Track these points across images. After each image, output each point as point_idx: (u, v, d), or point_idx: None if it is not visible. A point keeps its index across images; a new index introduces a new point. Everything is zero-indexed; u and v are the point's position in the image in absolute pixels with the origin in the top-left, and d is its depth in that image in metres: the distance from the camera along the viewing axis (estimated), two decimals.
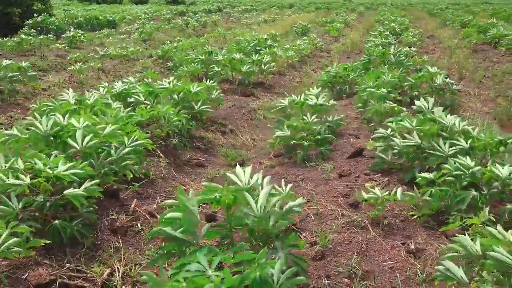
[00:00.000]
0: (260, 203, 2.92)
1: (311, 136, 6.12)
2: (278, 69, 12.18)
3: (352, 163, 5.73)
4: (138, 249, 3.91)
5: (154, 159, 5.61)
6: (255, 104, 9.02)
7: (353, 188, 4.96)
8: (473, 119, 7.58)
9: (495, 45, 15.59)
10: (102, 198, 4.43)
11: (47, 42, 14.66)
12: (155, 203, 4.67)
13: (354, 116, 8.08)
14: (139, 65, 12.27)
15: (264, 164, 6.07)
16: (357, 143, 6.43)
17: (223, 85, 9.94)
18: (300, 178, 5.40)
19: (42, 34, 15.99)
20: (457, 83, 8.73)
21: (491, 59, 13.65)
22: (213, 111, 7.95)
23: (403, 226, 4.21)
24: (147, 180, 5.09)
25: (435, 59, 13.14)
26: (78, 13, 24.48)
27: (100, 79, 10.23)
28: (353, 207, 4.55)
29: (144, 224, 4.26)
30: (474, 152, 4.64)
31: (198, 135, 6.93)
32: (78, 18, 21.27)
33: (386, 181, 5.08)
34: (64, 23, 19.62)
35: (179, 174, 5.56)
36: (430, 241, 3.95)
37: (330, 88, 9.81)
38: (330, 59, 14.77)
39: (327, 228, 4.15)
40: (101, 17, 22.84)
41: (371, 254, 3.77)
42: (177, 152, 6.10)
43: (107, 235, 4.01)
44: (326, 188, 5.04)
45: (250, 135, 7.41)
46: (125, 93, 6.72)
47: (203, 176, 5.63)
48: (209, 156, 6.43)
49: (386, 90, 7.42)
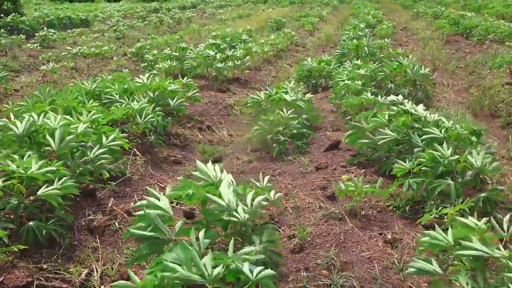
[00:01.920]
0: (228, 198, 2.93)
1: (287, 131, 6.15)
2: (254, 64, 12.17)
3: (329, 156, 5.77)
4: (116, 248, 3.89)
5: (131, 157, 5.57)
6: (232, 100, 9.00)
7: (330, 180, 4.99)
8: (447, 109, 7.68)
9: (467, 36, 15.80)
10: (79, 198, 4.39)
11: (19, 42, 14.42)
12: (132, 201, 4.64)
13: (330, 109, 8.12)
14: (114, 63, 12.15)
15: (241, 159, 6.07)
16: (334, 136, 6.47)
17: (199, 81, 9.89)
18: (277, 172, 5.41)
19: (13, 34, 15.73)
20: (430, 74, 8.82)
21: (464, 50, 13.83)
22: (189, 108, 7.91)
23: (380, 217, 4.26)
24: (124, 179, 5.05)
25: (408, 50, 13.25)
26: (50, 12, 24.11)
27: (73, 79, 10.09)
28: (330, 200, 4.59)
29: (122, 223, 4.22)
30: (448, 142, 4.70)
31: (175, 132, 6.89)
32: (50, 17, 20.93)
33: (363, 172, 5.12)
34: (36, 22, 19.31)
35: (156, 172, 5.53)
36: (406, 231, 4.00)
37: (305, 82, 9.84)
38: (305, 53, 14.81)
39: (305, 221, 4.18)
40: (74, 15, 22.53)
41: (349, 245, 3.81)
42: (154, 150, 6.07)
43: (84, 235, 3.97)
44: (303, 182, 5.07)
45: (227, 131, 7.40)
46: (100, 91, 6.64)
47: (181, 173, 5.60)
48: (186, 153, 6.40)
49: (361, 83, 7.48)
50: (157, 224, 2.74)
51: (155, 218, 2.75)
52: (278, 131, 6.14)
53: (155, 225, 2.75)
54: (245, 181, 3.66)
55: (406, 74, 8.05)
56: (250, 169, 5.60)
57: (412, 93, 7.95)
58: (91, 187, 4.57)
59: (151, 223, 2.78)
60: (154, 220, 2.74)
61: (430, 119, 5.01)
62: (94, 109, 5.59)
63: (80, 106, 5.69)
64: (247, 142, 6.44)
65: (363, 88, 7.32)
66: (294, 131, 6.16)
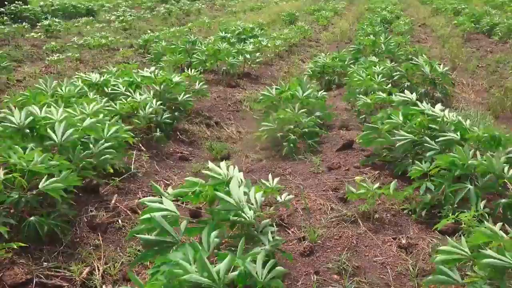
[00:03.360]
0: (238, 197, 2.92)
1: (299, 129, 6.13)
2: (265, 59, 12.15)
3: (342, 156, 5.75)
4: (119, 246, 3.89)
5: (136, 152, 5.58)
6: (241, 95, 9.00)
7: (343, 181, 4.98)
8: (467, 110, 7.63)
9: (488, 34, 15.69)
10: (81, 193, 4.41)
11: (22, 31, 14.47)
12: (136, 198, 4.64)
13: (343, 107, 8.09)
14: (119, 55, 12.17)
15: (250, 157, 6.06)
16: (347, 135, 6.45)
17: (208, 76, 9.90)
18: (288, 171, 5.40)
19: (17, 23, 15.80)
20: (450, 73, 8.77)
21: (485, 48, 13.75)
22: (197, 103, 7.92)
23: (394, 221, 4.24)
24: (128, 175, 5.06)
25: (427, 48, 13.20)
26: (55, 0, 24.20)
27: (78, 70, 10.14)
28: (343, 201, 4.57)
29: (126, 220, 4.23)
30: (467, 144, 4.66)
31: (182, 127, 6.90)
32: (54, 6, 21.01)
33: (377, 174, 5.10)
34: (40, 11, 19.38)
35: (161, 169, 5.53)
36: (422, 236, 3.98)
37: (319, 79, 9.81)
38: (319, 48, 14.77)
39: (316, 223, 4.16)
40: (79, 5, 22.60)
41: (362, 249, 3.79)
42: (160, 146, 6.08)
43: (86, 232, 3.98)
44: (314, 182, 5.06)
45: (236, 128, 7.40)
46: (104, 84, 6.66)
47: (187, 170, 5.61)
48: (193, 149, 6.41)
49: (377, 81, 7.45)
50: (164, 227, 2.72)
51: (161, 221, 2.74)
52: (289, 129, 6.12)
53: (161, 228, 2.74)
54: (256, 185, 3.65)
55: (423, 73, 8.00)
56: (259, 168, 5.59)
57: (430, 93, 7.91)
58: (94, 183, 4.58)
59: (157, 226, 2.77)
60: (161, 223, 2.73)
61: (448, 120, 4.97)
62: (98, 102, 5.61)
63: (84, 99, 5.70)
64: (257, 139, 6.43)
65: (379, 86, 7.29)
66: (305, 130, 6.14)
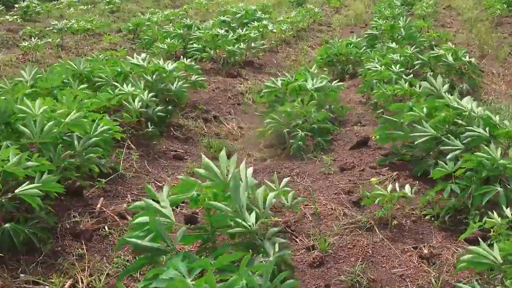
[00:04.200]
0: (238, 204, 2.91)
1: (308, 124, 6.12)
2: (270, 45, 12.16)
3: (356, 155, 5.74)
4: (105, 256, 3.90)
5: (124, 150, 5.59)
6: (243, 86, 9.00)
7: (357, 183, 4.97)
8: (497, 103, 7.62)
9: None
10: (63, 197, 4.41)
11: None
12: (125, 202, 4.65)
13: (358, 100, 8.09)
14: (106, 40, 12.18)
15: (253, 156, 6.06)
16: (362, 131, 6.44)
17: (205, 65, 9.90)
18: (295, 172, 5.40)
19: None
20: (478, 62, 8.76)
21: None
22: (193, 95, 7.92)
23: (415, 228, 4.23)
24: (116, 176, 5.06)
25: (452, 33, 13.17)
26: None
27: (59, 58, 10.15)
28: (357, 206, 4.57)
29: (113, 227, 4.24)
30: (497, 141, 4.65)
31: (176, 122, 6.91)
32: None
33: (395, 175, 5.09)
34: None
35: (153, 169, 5.54)
36: (446, 245, 3.97)
37: (330, 68, 9.81)
38: (330, 33, 14.77)
39: (326, 230, 4.16)
40: None
41: (378, 260, 3.79)
42: (151, 143, 6.08)
43: (68, 240, 3.99)
44: (325, 184, 5.05)
45: (237, 123, 7.41)
46: (89, 73, 6.66)
47: (182, 171, 5.61)
48: (189, 147, 6.41)
49: (396, 70, 7.44)
50: (160, 233, 2.72)
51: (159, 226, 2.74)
52: (296, 124, 6.11)
53: (157, 234, 2.74)
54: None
55: (448, 62, 7.99)
56: (263, 168, 5.59)
57: (456, 84, 7.89)
58: (78, 185, 4.59)
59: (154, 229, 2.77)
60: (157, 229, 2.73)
61: (476, 115, 4.96)
62: (83, 94, 5.61)
63: (67, 90, 5.70)
64: (260, 136, 6.42)
65: (398, 76, 7.28)
66: (315, 125, 6.13)
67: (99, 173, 4.75)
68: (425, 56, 8.21)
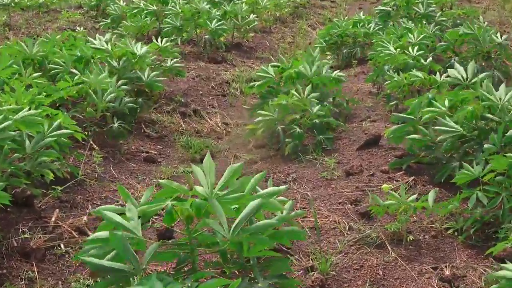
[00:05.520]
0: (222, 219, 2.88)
1: (306, 119, 6.12)
2: (262, 24, 12.15)
3: (365, 156, 5.75)
4: (60, 280, 3.88)
5: (85, 152, 5.57)
6: (229, 74, 9.00)
7: (366, 191, 4.98)
8: None
9: None
10: (9, 208, 4.39)
11: None
12: (85, 214, 4.63)
13: (368, 90, 8.10)
14: (63, 18, 12.14)
15: (241, 158, 6.06)
16: (372, 128, 6.45)
17: (184, 47, 9.89)
18: (291, 177, 5.41)
19: None
20: None
21: None
22: (169, 84, 7.91)
23: (435, 244, 4.24)
24: (74, 183, 5.05)
25: (481, 10, 13.21)
26: None
27: (6, 39, 10.10)
28: (365, 218, 4.58)
29: (70, 244, 4.22)
30: None
31: (148, 117, 6.90)
32: None
33: (412, 180, 5.10)
34: None
35: (120, 174, 5.53)
36: (472, 264, 3.98)
37: (334, 52, 9.82)
38: (334, 10, 14.79)
39: (328, 248, 4.17)
40: None
41: (391, 283, 3.80)
42: (118, 143, 6.07)
43: (16, 260, 3.97)
44: (327, 192, 5.06)
45: (222, 118, 7.40)
46: (43, 58, 6.64)
47: (155, 176, 5.61)
48: (163, 147, 6.41)
49: (413, 54, 7.45)
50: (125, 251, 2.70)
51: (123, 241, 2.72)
52: (293, 120, 6.11)
53: (120, 252, 2.72)
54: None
55: (476, 44, 8.01)
56: (253, 172, 5.58)
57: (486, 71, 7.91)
58: (28, 194, 4.56)
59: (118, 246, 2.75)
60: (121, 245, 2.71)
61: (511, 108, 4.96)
62: (35, 83, 5.59)
63: (16, 80, 5.67)
64: (250, 134, 6.42)
65: (416, 61, 7.30)
66: (315, 121, 6.13)
67: (54, 179, 4.73)
68: (450, 34, 8.20)
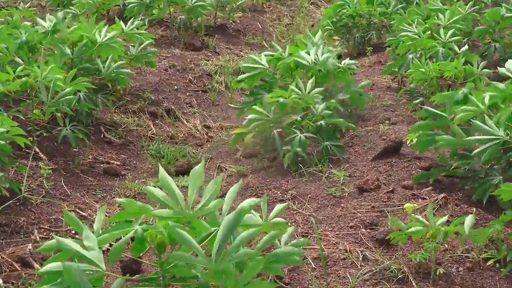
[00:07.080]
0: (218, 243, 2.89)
1: (309, 121, 6.12)
2: (253, 1, 12.17)
3: (383, 168, 5.75)
4: None
5: (29, 162, 5.55)
6: (211, 64, 9.01)
7: (384, 211, 4.99)
8: None
9: None
10: None
11: None
12: (30, 242, 4.62)
13: (385, 85, 8.12)
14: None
15: (226, 170, 6.06)
16: (391, 132, 6.45)
17: (155, 30, 9.90)
18: (290, 195, 5.41)
19: None
20: None
21: None
22: (136, 78, 7.90)
23: (471, 279, 4.25)
24: (16, 201, 5.03)
25: None
26: None
27: None
28: (383, 246, 4.58)
29: (11, 279, 4.20)
30: None
31: (109, 119, 6.89)
32: None
33: (442, 198, 5.10)
34: None
35: (74, 190, 5.52)
36: None
37: (344, 36, 9.83)
38: None
39: (337, 283, 4.17)
40: None
41: None
42: (71, 151, 6.06)
43: None
44: (336, 213, 5.06)
45: (202, 120, 7.40)
46: None
47: (118, 192, 5.59)
48: (128, 157, 6.40)
49: (443, 40, 7.46)
50: None
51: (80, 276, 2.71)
52: (293, 122, 6.11)
53: None
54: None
55: None
56: (242, 188, 5.58)
57: None
58: None
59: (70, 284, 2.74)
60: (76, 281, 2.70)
61: None
62: None
63: None
64: (237, 140, 6.41)
65: (447, 49, 7.31)
66: (321, 123, 6.13)
67: None
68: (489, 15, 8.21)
